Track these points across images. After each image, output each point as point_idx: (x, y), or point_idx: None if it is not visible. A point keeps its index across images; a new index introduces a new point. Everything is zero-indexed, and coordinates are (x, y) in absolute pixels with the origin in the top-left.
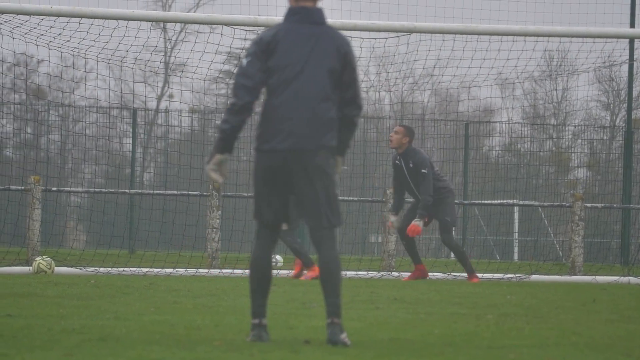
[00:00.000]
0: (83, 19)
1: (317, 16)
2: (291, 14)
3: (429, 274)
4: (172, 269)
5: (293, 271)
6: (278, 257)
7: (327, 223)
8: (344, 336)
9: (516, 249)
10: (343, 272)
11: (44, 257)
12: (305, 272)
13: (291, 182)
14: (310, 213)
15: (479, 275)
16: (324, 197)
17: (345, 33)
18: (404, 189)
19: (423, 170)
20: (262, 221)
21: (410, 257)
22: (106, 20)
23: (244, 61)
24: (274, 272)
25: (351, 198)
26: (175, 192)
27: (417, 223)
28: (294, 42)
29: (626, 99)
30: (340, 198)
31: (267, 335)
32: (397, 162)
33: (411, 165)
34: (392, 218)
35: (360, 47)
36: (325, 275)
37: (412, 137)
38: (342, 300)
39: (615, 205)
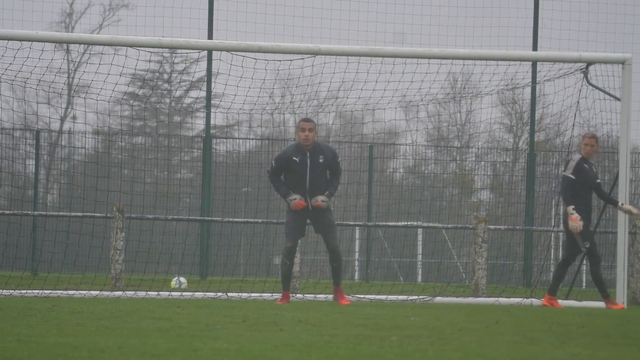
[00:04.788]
0: None
1: None
2: None
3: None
4: (75, 291)
5: None
6: (182, 279)
7: None
8: None
9: (420, 270)
10: (247, 294)
11: None
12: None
13: None
14: None
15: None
16: None
17: (250, 55)
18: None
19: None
20: None
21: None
22: (9, 41)
23: None
24: (178, 293)
25: (255, 220)
26: (79, 213)
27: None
28: None
29: (529, 121)
30: (244, 220)
31: None
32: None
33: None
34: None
35: (265, 69)
36: None
37: None
38: None
39: (518, 227)
